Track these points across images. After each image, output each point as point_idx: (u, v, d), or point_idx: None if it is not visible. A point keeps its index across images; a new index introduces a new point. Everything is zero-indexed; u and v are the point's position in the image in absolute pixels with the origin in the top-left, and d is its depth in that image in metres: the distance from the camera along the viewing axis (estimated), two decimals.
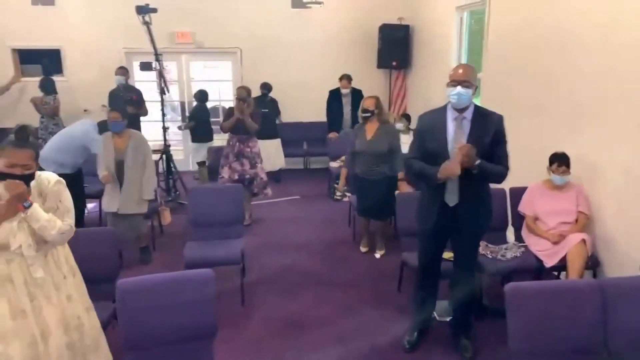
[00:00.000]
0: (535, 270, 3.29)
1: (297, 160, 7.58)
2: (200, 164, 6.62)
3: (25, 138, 2.09)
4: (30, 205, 2.05)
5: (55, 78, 6.65)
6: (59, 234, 2.11)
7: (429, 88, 6.59)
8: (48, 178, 2.20)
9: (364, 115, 4.22)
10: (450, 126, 2.67)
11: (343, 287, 3.88)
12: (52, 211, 2.15)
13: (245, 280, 3.71)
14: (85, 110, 7.00)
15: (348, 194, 5.43)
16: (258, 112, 5.09)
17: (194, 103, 6.76)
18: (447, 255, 3.02)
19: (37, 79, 6.51)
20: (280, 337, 3.19)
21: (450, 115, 2.68)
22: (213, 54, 7.57)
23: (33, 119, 6.28)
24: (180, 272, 2.31)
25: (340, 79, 6.56)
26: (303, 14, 7.32)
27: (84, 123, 4.66)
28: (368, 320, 3.40)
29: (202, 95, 6.56)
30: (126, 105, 5.20)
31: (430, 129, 2.74)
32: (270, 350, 3.05)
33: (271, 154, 6.84)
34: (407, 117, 6.22)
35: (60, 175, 2.29)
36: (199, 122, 6.48)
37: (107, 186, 4.06)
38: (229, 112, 5.10)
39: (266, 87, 6.84)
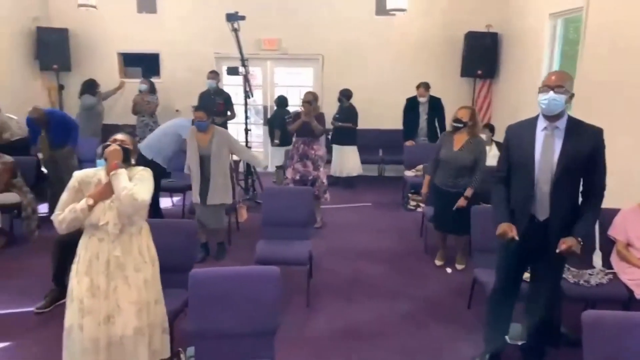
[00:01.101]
0: (624, 300, 2.99)
1: (372, 168, 7.55)
2: (279, 167, 6.83)
3: (126, 134, 2.56)
4: (121, 167, 2.34)
5: (153, 80, 7.22)
6: (131, 199, 2.27)
7: (517, 99, 6.26)
8: (138, 168, 2.49)
9: (455, 124, 4.08)
10: (540, 136, 2.50)
11: (410, 299, 3.80)
12: (134, 185, 2.36)
13: (311, 283, 3.76)
14: (177, 110, 7.51)
15: (422, 205, 5.31)
16: (321, 115, 5.25)
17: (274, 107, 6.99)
18: (525, 275, 2.84)
19: (137, 80, 7.10)
20: (341, 344, 3.19)
21: (541, 125, 2.51)
22: (297, 60, 7.79)
23: (129, 116, 6.89)
24: (248, 267, 2.41)
25: (418, 87, 6.43)
26: (386, 20, 7.30)
27: (180, 119, 5.05)
28: (434, 336, 3.30)
29: (281, 101, 6.77)
30: (214, 107, 5.54)
31: (518, 139, 2.59)
32: (331, 356, 3.06)
33: (347, 160, 6.89)
34: (490, 128, 5.95)
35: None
36: (277, 126, 6.67)
37: (194, 180, 4.33)
38: (296, 115, 5.27)
39: (344, 94, 6.89)
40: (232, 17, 5.58)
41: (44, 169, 5.35)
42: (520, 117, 2.76)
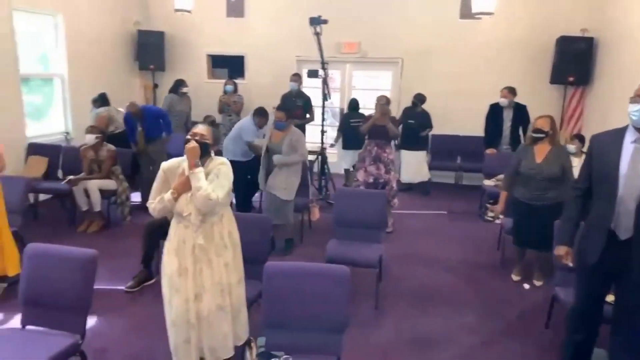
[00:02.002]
0: None
1: (448, 175, 7.35)
2: (347, 170, 6.86)
3: (209, 124, 2.66)
4: (199, 166, 2.46)
5: (237, 81, 7.58)
6: (205, 199, 2.41)
7: (613, 108, 5.80)
8: (217, 159, 2.61)
9: (535, 135, 3.87)
10: (628, 149, 2.33)
11: (482, 313, 3.67)
12: (210, 182, 2.48)
13: (380, 286, 3.75)
14: None
15: (501, 216, 5.09)
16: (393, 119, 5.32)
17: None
18: (610, 298, 2.64)
19: (223, 81, 7.48)
20: (407, 350, 3.16)
21: (630, 137, 2.34)
22: (376, 64, 7.79)
23: (215, 114, 7.27)
24: (319, 265, 2.47)
25: (502, 89, 6.16)
26: (470, 24, 7.08)
27: (242, 121, 5.37)
28: (506, 353, 3.16)
29: (353, 104, 6.79)
30: (294, 110, 5.75)
31: (602, 150, 2.44)
32: None
33: (414, 165, 6.79)
34: (580, 139, 5.56)
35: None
36: (348, 129, 6.70)
37: (261, 171, 4.64)
38: (367, 118, 5.31)
39: (418, 98, 6.78)
40: (315, 21, 5.72)
41: (138, 161, 5.83)
42: (614, 127, 2.58)
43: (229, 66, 8.12)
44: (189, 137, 2.52)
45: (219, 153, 5.24)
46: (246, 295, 2.75)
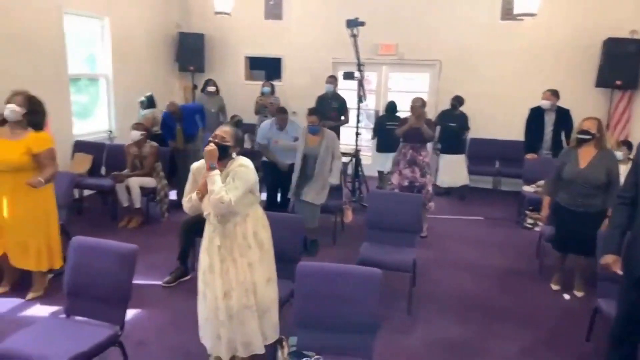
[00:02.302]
0: None
1: (486, 180, 7.18)
2: (380, 173, 6.81)
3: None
4: (215, 169, 2.46)
5: (274, 83, 7.67)
6: (217, 202, 2.41)
7: None
8: (238, 160, 2.60)
9: (580, 137, 3.72)
10: None
11: (518, 322, 3.56)
12: (227, 184, 2.48)
13: (413, 290, 3.71)
14: (293, 112, 7.88)
15: (540, 223, 4.93)
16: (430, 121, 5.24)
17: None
18: None
19: (260, 82, 7.58)
20: (440, 356, 3.11)
21: None
22: (413, 66, 7.71)
23: (251, 115, 7.38)
24: (352, 266, 2.47)
25: (545, 91, 5.96)
26: (511, 26, 6.90)
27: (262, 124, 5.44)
28: None
29: (390, 107, 6.73)
30: (329, 112, 5.76)
31: None
32: None
33: (453, 169, 6.66)
34: (628, 145, 5.33)
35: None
36: (383, 132, 6.64)
37: (294, 177, 4.61)
38: (402, 120, 5.25)
39: (457, 100, 6.66)
40: (352, 23, 5.71)
41: (176, 160, 5.99)
42: None
43: (267, 68, 8.22)
44: (210, 138, 2.55)
45: (254, 153, 5.32)
46: (278, 295, 2.77)
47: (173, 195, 5.79)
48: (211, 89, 7.03)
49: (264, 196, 4.66)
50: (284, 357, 2.55)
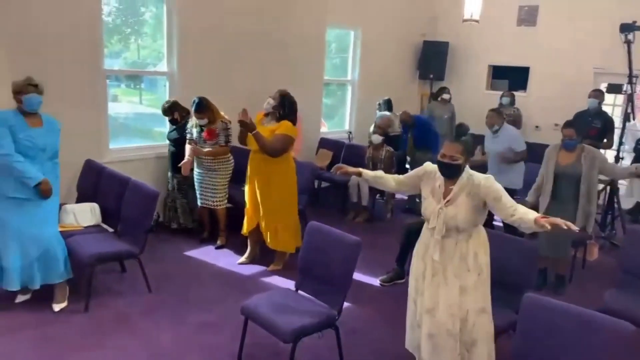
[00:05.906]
0: None
1: None
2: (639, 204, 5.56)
3: (461, 134, 2.49)
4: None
5: (518, 94, 7.10)
6: (508, 216, 2.26)
7: None
8: (478, 178, 2.41)
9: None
10: None
11: None
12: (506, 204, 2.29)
13: None
14: (536, 127, 7.17)
15: None
16: None
17: None
18: None
19: (500, 92, 7.12)
20: None
21: None
22: None
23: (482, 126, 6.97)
24: (595, 313, 2.08)
25: None
26: None
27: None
28: None
29: None
30: (587, 130, 5.00)
31: None
32: None
33: None
34: None
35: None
36: None
37: (543, 199, 3.98)
38: None
39: None
40: (628, 28, 4.86)
41: (407, 166, 6.14)
42: None
43: (510, 77, 7.68)
44: (439, 158, 2.43)
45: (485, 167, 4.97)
46: (495, 324, 2.53)
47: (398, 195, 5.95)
48: (446, 96, 6.95)
49: None
50: None
